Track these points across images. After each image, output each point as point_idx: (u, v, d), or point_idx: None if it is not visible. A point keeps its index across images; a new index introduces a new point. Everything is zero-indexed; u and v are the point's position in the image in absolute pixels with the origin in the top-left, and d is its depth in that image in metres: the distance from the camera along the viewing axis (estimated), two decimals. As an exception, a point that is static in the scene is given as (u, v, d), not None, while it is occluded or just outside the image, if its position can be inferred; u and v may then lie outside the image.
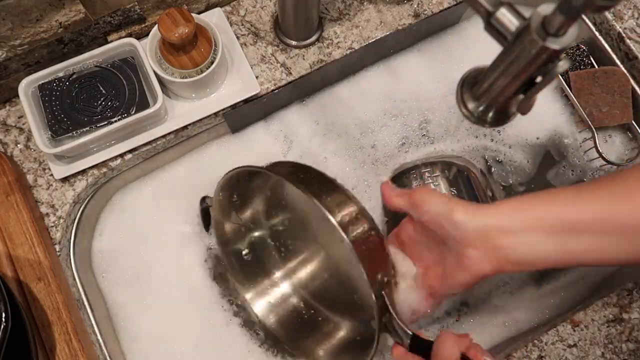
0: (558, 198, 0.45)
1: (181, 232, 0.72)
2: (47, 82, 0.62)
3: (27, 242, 0.60)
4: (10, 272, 0.59)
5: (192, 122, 0.66)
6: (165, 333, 0.69)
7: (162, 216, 0.73)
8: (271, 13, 0.71)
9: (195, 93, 0.67)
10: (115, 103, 0.63)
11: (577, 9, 0.31)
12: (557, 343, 0.64)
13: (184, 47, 0.62)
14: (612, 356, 0.63)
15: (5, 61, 0.61)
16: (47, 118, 0.62)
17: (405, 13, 0.72)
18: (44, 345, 0.58)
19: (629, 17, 0.74)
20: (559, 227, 0.44)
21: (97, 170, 0.66)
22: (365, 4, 0.72)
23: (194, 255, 0.72)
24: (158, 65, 0.63)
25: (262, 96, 0.68)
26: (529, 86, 0.39)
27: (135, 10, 0.64)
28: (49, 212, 0.64)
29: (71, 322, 0.59)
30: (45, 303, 0.59)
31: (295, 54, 0.70)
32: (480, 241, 0.44)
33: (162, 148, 0.69)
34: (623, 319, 0.64)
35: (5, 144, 0.65)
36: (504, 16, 0.37)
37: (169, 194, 0.74)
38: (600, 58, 0.77)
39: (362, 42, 0.71)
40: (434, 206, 0.47)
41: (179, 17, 0.59)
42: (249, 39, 0.70)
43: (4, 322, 0.48)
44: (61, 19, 0.59)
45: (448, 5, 0.73)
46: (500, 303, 0.72)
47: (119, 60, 0.64)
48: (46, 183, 0.65)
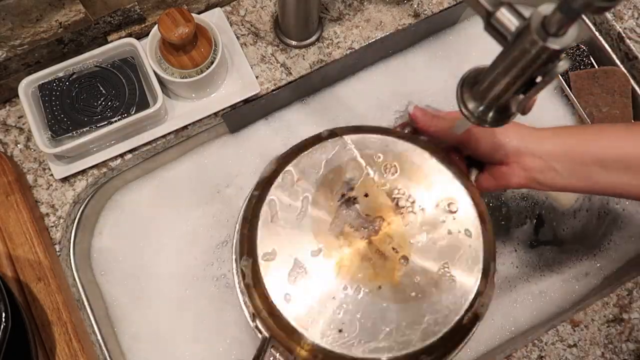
0: (590, 132, 0.50)
1: (181, 232, 0.72)
2: (47, 82, 0.62)
3: (27, 242, 0.60)
4: (10, 272, 0.59)
5: (192, 122, 0.66)
6: (165, 333, 0.69)
7: (162, 216, 0.73)
8: (271, 13, 0.71)
9: (195, 93, 0.67)
10: (115, 103, 0.63)
11: (577, 9, 0.31)
12: (557, 343, 0.64)
13: (184, 47, 0.62)
14: (612, 356, 0.63)
15: (5, 61, 0.61)
16: (47, 118, 0.62)
17: (405, 13, 0.72)
18: (44, 345, 0.58)
19: (629, 17, 0.74)
20: (589, 159, 0.48)
21: (97, 170, 0.66)
22: (365, 4, 0.72)
23: (194, 255, 0.72)
24: (158, 65, 0.63)
25: (261, 97, 0.68)
26: (529, 86, 0.39)
27: (135, 10, 0.64)
28: (49, 212, 0.64)
29: (71, 322, 0.59)
30: (45, 303, 0.59)
31: (295, 54, 0.70)
32: (515, 158, 0.50)
33: (162, 148, 0.69)
34: (623, 319, 0.64)
35: (5, 144, 0.65)
36: (503, 16, 0.37)
37: (168, 194, 0.74)
38: (600, 58, 0.77)
39: (362, 42, 0.70)
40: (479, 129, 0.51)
41: (179, 17, 0.59)
42: (249, 39, 0.70)
43: (4, 322, 0.48)
44: (61, 19, 0.59)
45: (448, 5, 0.73)
46: (500, 303, 0.72)
47: (119, 60, 0.64)
48: (46, 183, 0.65)
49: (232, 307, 0.70)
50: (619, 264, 0.74)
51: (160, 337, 0.69)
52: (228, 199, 0.74)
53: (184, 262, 0.71)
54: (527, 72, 0.38)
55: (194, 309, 0.70)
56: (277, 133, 0.76)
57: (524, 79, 0.38)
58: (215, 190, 0.74)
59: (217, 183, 0.74)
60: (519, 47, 0.36)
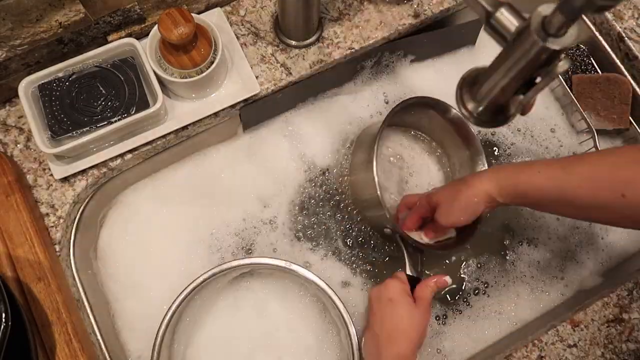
0: (520, 169, 0.60)
1: (181, 232, 0.72)
2: (47, 82, 0.62)
3: (27, 242, 0.60)
4: (10, 272, 0.59)
5: (192, 122, 0.66)
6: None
7: (162, 216, 0.73)
8: (271, 13, 0.71)
9: (195, 93, 0.67)
10: (115, 103, 0.63)
11: (577, 9, 0.31)
12: (557, 343, 0.64)
13: (184, 47, 0.62)
14: (612, 356, 0.63)
15: (5, 61, 0.61)
16: (47, 118, 0.62)
17: (405, 13, 0.72)
18: (44, 345, 0.58)
19: (629, 17, 0.74)
20: (516, 193, 0.59)
21: (97, 170, 0.66)
22: (365, 4, 0.72)
23: (194, 255, 0.72)
24: (158, 65, 0.63)
25: (276, 92, 0.69)
26: (529, 86, 0.39)
27: (135, 10, 0.64)
28: (49, 212, 0.64)
29: (71, 322, 0.59)
30: (45, 303, 0.59)
31: (295, 54, 0.70)
32: (475, 192, 0.61)
33: (162, 148, 0.69)
34: (623, 319, 0.64)
35: (5, 144, 0.65)
36: (503, 16, 0.37)
37: (169, 194, 0.74)
38: (600, 58, 0.77)
39: (362, 42, 0.70)
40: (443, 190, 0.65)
41: (179, 17, 0.59)
42: (249, 39, 0.70)
43: (4, 322, 0.48)
44: (61, 19, 0.59)
45: (448, 5, 0.73)
46: (500, 303, 0.72)
47: (119, 60, 0.64)
48: (46, 183, 0.65)
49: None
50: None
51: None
52: (228, 199, 0.74)
53: (184, 261, 0.71)
54: (526, 73, 0.38)
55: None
56: (281, 134, 0.76)
57: (524, 80, 0.38)
58: (215, 190, 0.74)
59: (217, 183, 0.74)
60: (518, 48, 0.36)
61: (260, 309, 0.70)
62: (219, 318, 0.69)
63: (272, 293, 0.70)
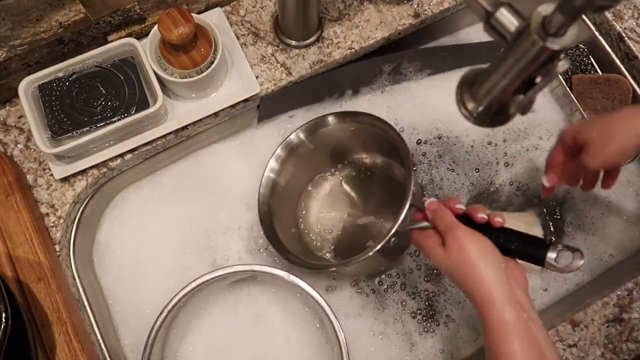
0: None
1: (181, 232, 0.72)
2: (47, 82, 0.62)
3: (27, 242, 0.60)
4: (10, 272, 0.59)
5: (192, 122, 0.66)
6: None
7: (162, 216, 0.73)
8: (271, 13, 0.71)
9: (195, 93, 0.67)
10: (115, 103, 0.63)
11: (577, 9, 0.31)
12: (557, 343, 0.64)
13: (184, 47, 0.62)
14: (612, 356, 0.63)
15: (5, 61, 0.61)
16: (47, 118, 0.62)
17: (405, 13, 0.72)
18: (44, 345, 0.58)
19: (629, 17, 0.74)
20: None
21: (97, 170, 0.66)
22: (365, 4, 0.72)
23: (194, 255, 0.72)
24: (158, 65, 0.63)
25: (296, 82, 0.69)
26: (528, 86, 0.39)
27: (135, 10, 0.64)
28: (49, 212, 0.64)
29: (71, 322, 0.59)
30: (45, 303, 0.59)
31: (295, 54, 0.70)
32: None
33: (162, 148, 0.69)
34: (623, 319, 0.64)
35: (5, 144, 0.65)
36: (503, 16, 0.37)
37: (169, 194, 0.74)
38: (600, 58, 0.77)
39: (362, 42, 0.71)
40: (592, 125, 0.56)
41: (179, 17, 0.59)
42: (249, 39, 0.70)
43: (4, 322, 0.48)
44: (61, 19, 0.59)
45: (448, 5, 0.73)
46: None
47: (119, 60, 0.64)
48: (46, 183, 0.65)
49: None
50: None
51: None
52: (228, 199, 0.74)
53: (184, 261, 0.71)
54: (526, 72, 0.38)
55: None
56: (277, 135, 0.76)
57: (524, 79, 0.39)
58: (215, 190, 0.74)
59: (217, 183, 0.74)
60: (518, 48, 0.36)
61: (258, 316, 0.70)
62: (217, 319, 0.69)
63: (271, 301, 0.70)
